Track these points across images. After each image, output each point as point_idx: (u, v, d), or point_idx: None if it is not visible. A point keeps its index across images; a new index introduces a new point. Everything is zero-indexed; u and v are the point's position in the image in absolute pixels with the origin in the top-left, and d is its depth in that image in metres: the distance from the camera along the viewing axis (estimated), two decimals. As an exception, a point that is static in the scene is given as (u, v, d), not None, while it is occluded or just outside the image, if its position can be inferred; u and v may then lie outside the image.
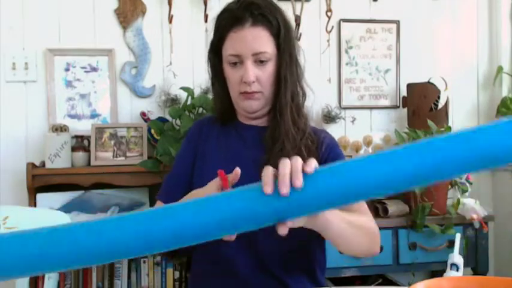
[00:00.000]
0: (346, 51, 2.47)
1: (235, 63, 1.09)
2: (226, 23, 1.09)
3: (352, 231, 0.94)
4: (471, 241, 2.11)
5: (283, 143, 1.09)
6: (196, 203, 0.65)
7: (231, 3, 1.11)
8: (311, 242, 1.12)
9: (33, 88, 2.22)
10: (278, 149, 1.08)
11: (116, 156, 2.15)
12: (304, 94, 1.15)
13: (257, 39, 1.07)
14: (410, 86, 2.37)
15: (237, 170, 0.90)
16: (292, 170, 0.65)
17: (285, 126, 1.09)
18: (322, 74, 2.41)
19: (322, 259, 1.17)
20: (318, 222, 0.84)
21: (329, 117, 2.36)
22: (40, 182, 2.00)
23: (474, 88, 2.61)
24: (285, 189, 0.63)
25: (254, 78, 1.07)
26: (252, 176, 0.95)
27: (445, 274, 1.00)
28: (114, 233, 0.61)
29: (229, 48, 1.08)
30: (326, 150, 1.13)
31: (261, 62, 1.08)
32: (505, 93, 2.54)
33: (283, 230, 0.69)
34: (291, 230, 0.77)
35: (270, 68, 1.09)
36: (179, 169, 1.19)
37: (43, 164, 2.08)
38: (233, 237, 0.81)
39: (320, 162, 1.05)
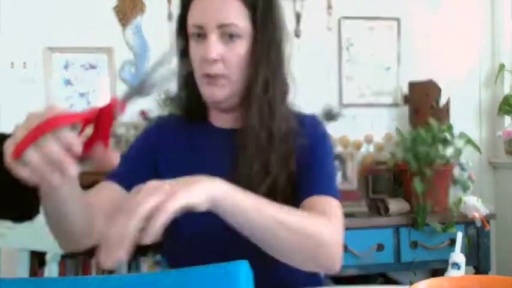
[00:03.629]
0: (347, 49, 2.46)
1: (198, 36, 0.89)
2: None
3: (284, 233, 0.75)
4: (473, 240, 2.10)
5: (245, 149, 0.89)
6: None
7: None
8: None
9: (32, 87, 2.22)
10: (242, 157, 0.89)
11: (116, 155, 2.15)
12: (285, 89, 0.94)
13: (225, 8, 0.87)
14: (411, 84, 2.36)
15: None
16: None
17: (250, 127, 0.89)
18: (322, 71, 2.40)
19: None
20: (220, 204, 0.69)
21: (329, 115, 2.35)
22: (39, 181, 1.99)
23: (476, 86, 2.60)
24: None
25: (216, 56, 0.87)
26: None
27: (446, 273, 1.00)
28: None
29: (192, 17, 0.89)
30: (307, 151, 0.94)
31: (230, 37, 0.88)
32: (507, 91, 2.53)
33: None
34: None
35: (240, 46, 0.89)
36: (138, 160, 0.99)
37: (42, 163, 2.07)
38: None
39: (301, 166, 0.92)
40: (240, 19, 0.88)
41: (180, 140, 1.00)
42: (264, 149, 0.90)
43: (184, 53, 0.94)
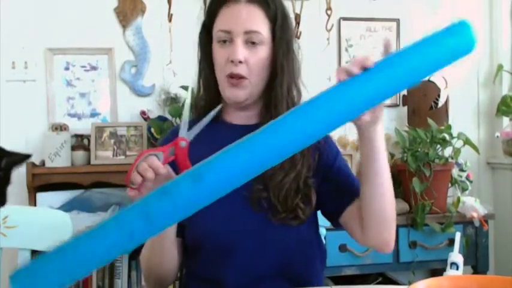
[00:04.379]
0: (346, 50, 2.47)
1: (224, 42, 0.99)
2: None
3: (390, 188, 0.95)
4: (471, 239, 2.11)
5: None
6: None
7: None
8: (309, 252, 1.07)
9: (33, 87, 2.22)
10: None
11: (116, 155, 2.15)
12: (299, 93, 1.05)
13: (251, 17, 0.98)
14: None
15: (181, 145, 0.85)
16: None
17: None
18: (322, 72, 2.40)
19: (320, 268, 1.12)
20: (378, 119, 0.84)
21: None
22: (40, 181, 2.00)
23: (474, 86, 2.61)
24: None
25: (242, 58, 0.97)
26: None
27: (445, 273, 1.01)
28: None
29: (220, 23, 1.00)
30: (325, 149, 1.06)
31: (253, 43, 0.99)
32: (505, 91, 2.54)
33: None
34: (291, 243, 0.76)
35: (261, 52, 1.00)
36: None
37: (43, 163, 2.08)
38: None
39: (319, 163, 1.04)
40: (262, 28, 0.99)
41: (203, 139, 1.04)
42: None
43: (206, 58, 1.05)
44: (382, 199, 0.95)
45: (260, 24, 0.99)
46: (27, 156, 0.81)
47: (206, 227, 0.99)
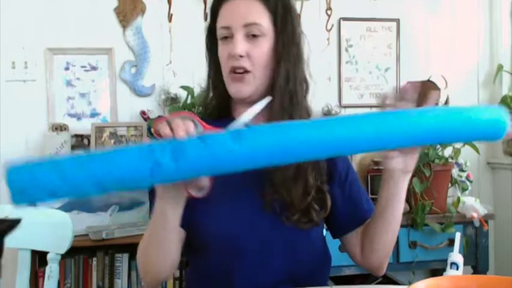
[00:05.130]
0: (346, 50, 2.47)
1: (226, 38, 0.99)
2: None
3: (398, 227, 0.98)
4: (471, 239, 2.11)
5: None
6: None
7: None
8: (317, 253, 1.08)
9: (33, 87, 2.22)
10: None
11: (116, 155, 2.15)
12: (306, 85, 1.03)
13: (249, 10, 0.97)
14: (410, 84, 2.37)
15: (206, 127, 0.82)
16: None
17: (274, 115, 0.95)
18: (322, 72, 2.40)
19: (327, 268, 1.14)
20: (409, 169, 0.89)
21: (329, 116, 2.36)
22: (40, 181, 2.00)
23: (474, 86, 2.61)
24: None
25: (242, 52, 0.96)
26: (250, 184, 0.94)
27: (445, 273, 1.00)
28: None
29: (220, 21, 1.00)
30: None
31: (254, 36, 0.97)
32: (505, 91, 2.54)
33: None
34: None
35: (263, 44, 0.98)
36: None
37: (43, 163, 2.08)
38: None
39: (334, 168, 1.05)
40: (262, 20, 0.98)
41: None
42: None
43: (213, 58, 1.04)
44: (392, 235, 0.99)
45: (260, 16, 0.98)
46: (18, 221, 0.68)
47: (217, 227, 0.98)
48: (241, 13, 0.97)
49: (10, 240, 1.26)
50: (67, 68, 2.25)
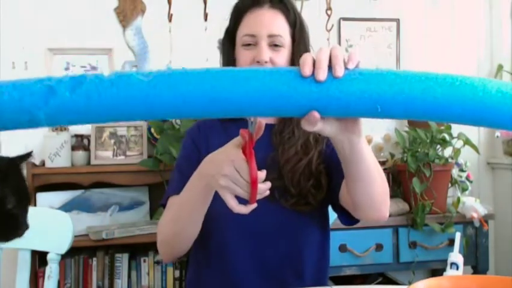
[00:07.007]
0: (346, 50, 2.47)
1: (249, 45, 1.06)
2: (243, 5, 1.09)
3: (376, 172, 0.89)
4: (471, 240, 2.11)
5: (293, 130, 1.07)
6: (234, 73, 0.61)
7: None
8: (315, 245, 1.12)
9: (33, 87, 2.22)
10: (287, 137, 1.07)
11: (116, 155, 2.15)
12: None
13: (274, 21, 1.06)
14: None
15: (262, 123, 0.81)
16: (332, 57, 0.61)
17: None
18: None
19: (326, 261, 1.17)
20: (353, 133, 0.74)
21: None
22: (40, 181, 2.00)
23: (474, 86, 2.61)
24: (321, 75, 0.59)
25: (268, 58, 1.04)
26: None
27: (445, 273, 1.01)
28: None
29: (245, 28, 1.07)
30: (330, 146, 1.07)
31: (275, 46, 1.06)
32: (505, 91, 2.54)
33: (310, 125, 0.64)
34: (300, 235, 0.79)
35: (283, 54, 1.07)
36: (188, 170, 1.08)
37: (43, 163, 2.08)
38: (246, 210, 0.84)
39: (324, 155, 1.10)
40: (284, 32, 1.07)
41: (215, 137, 1.12)
42: (303, 132, 1.07)
43: (228, 62, 1.12)
44: (369, 188, 0.92)
45: (282, 28, 1.07)
46: (29, 154, 0.74)
47: (216, 215, 1.02)
48: (266, 24, 1.05)
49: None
50: (67, 68, 2.25)
